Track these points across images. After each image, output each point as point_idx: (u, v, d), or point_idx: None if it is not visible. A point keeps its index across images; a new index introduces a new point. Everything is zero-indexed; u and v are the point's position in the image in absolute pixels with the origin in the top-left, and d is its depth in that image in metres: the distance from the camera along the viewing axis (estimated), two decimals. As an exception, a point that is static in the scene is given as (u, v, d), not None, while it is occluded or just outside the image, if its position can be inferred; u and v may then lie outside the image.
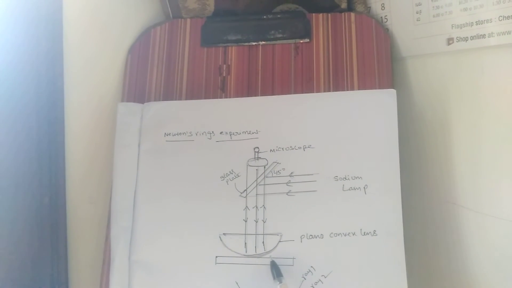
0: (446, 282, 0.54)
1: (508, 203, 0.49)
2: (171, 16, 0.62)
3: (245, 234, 0.52)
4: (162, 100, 0.59)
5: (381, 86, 0.55)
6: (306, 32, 0.59)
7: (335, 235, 0.51)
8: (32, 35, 0.55)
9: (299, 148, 0.54)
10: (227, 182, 0.54)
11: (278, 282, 0.48)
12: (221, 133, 0.56)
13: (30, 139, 0.54)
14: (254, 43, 0.60)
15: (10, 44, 0.53)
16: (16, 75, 0.53)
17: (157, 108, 0.58)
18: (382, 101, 0.54)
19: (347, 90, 0.56)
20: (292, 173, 0.54)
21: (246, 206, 0.53)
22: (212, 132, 0.56)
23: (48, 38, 0.56)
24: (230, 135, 0.56)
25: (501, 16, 0.48)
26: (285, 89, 0.58)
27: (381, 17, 0.59)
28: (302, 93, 0.57)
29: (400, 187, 0.51)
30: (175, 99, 0.59)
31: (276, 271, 0.49)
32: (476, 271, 0.52)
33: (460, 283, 0.53)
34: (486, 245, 0.51)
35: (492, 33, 0.49)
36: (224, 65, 0.60)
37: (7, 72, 0.53)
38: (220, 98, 0.58)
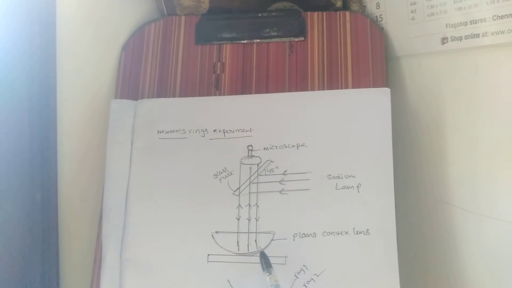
0: (440, 282, 0.54)
1: (503, 203, 0.49)
2: (165, 13, 0.62)
3: (237, 232, 0.52)
4: (156, 98, 0.58)
5: (375, 85, 0.55)
6: (301, 31, 0.59)
7: (328, 233, 0.51)
8: (25, 32, 0.54)
9: (293, 146, 0.54)
10: (220, 180, 0.54)
11: (267, 274, 0.48)
12: (214, 130, 0.56)
13: (22, 136, 0.54)
14: (248, 41, 0.60)
15: (2, 40, 0.53)
16: (9, 71, 0.53)
17: (151, 105, 0.57)
18: (376, 100, 0.54)
19: (341, 88, 0.56)
20: (285, 171, 0.53)
21: (239, 204, 0.53)
22: (206, 129, 0.56)
23: (42, 35, 0.55)
24: (224, 133, 0.56)
25: (495, 16, 0.48)
26: (279, 87, 0.57)
27: (376, 16, 0.59)
28: (296, 91, 0.57)
29: (393, 186, 0.51)
30: (169, 97, 0.58)
31: (265, 262, 0.49)
32: (470, 271, 0.52)
33: (454, 284, 0.53)
34: (480, 245, 0.51)
35: (486, 32, 0.49)
36: (219, 63, 0.59)
37: (-1, 68, 0.53)
38: (214, 95, 0.58)
